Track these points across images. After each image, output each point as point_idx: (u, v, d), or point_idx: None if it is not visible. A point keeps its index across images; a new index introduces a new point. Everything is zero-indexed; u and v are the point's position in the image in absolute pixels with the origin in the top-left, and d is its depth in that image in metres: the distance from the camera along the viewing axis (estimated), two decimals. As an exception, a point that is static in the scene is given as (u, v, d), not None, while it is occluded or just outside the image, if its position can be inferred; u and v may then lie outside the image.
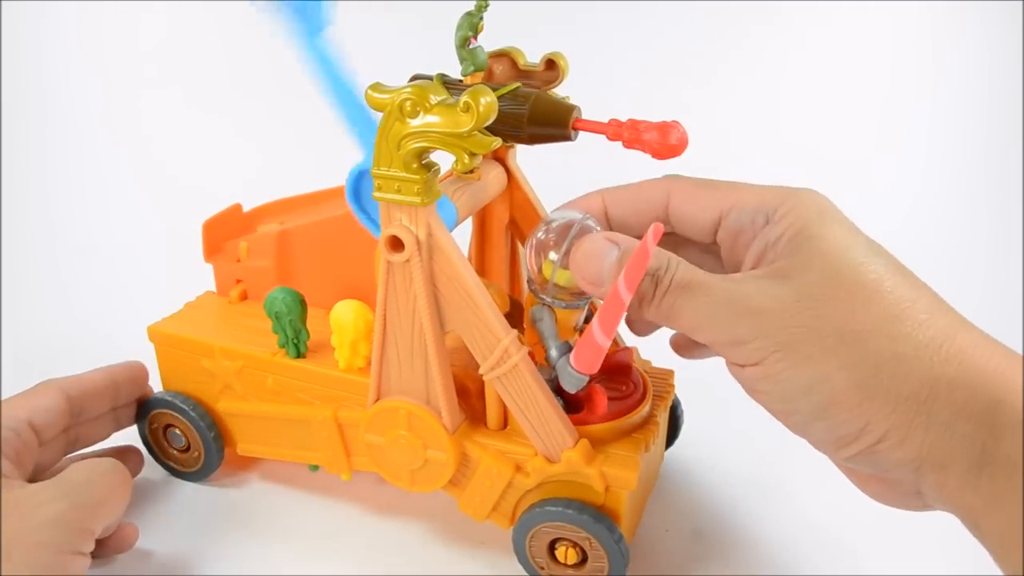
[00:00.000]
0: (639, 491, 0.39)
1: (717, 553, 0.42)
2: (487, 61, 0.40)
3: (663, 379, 0.44)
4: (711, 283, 0.31)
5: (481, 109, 0.31)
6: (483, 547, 0.42)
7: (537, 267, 0.36)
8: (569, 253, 0.35)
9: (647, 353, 0.45)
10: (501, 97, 0.35)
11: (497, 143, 0.32)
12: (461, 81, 0.40)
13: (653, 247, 0.30)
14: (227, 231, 0.49)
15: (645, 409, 0.40)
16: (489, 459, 0.38)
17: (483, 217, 0.44)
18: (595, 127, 0.36)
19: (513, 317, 0.43)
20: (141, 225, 0.80)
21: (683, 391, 0.46)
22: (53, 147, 0.91)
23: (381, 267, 0.36)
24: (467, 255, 0.42)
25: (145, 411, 0.46)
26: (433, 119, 0.32)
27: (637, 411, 0.39)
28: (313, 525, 0.44)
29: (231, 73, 0.95)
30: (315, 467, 0.44)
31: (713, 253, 0.37)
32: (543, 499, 0.38)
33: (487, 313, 0.35)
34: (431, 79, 0.39)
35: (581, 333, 0.38)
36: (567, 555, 0.38)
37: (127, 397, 0.45)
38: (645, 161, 0.36)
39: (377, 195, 0.34)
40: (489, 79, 0.41)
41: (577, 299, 0.37)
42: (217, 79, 0.95)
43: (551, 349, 0.37)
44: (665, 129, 0.34)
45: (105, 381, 0.44)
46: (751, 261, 0.34)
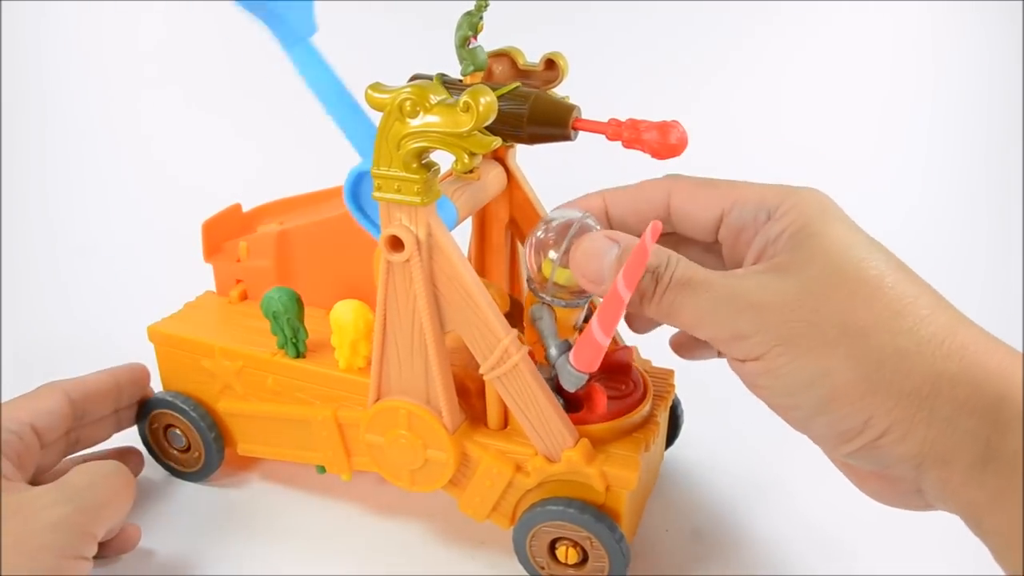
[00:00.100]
0: (639, 491, 0.39)
1: (717, 553, 0.42)
2: (487, 61, 0.40)
3: (663, 379, 0.44)
4: (711, 279, 0.31)
5: (481, 109, 0.31)
6: (483, 547, 0.42)
7: (537, 266, 0.36)
8: (569, 252, 0.35)
9: (647, 353, 0.45)
10: (501, 97, 0.35)
11: (497, 143, 0.32)
12: (461, 81, 0.40)
13: (652, 245, 0.30)
14: (227, 231, 0.49)
15: (645, 409, 0.39)
16: (489, 459, 0.38)
17: (483, 217, 0.44)
18: (595, 127, 0.36)
19: (513, 316, 0.43)
20: (141, 225, 0.80)
21: (683, 391, 0.46)
22: (53, 147, 0.91)
23: (381, 267, 0.36)
24: (467, 255, 0.42)
25: (145, 411, 0.46)
26: (433, 119, 0.32)
27: (637, 411, 0.39)
28: (313, 525, 0.44)
29: (231, 73, 0.95)
30: (322, 469, 0.44)
31: (714, 252, 0.37)
32: (544, 499, 0.38)
33: (487, 313, 0.35)
34: (431, 79, 0.39)
35: (581, 332, 0.38)
36: (568, 555, 0.38)
37: (129, 399, 0.45)
38: (645, 161, 0.36)
39: (377, 195, 0.34)
40: (489, 79, 0.41)
41: (577, 298, 0.37)
42: (217, 79, 0.95)
43: (551, 348, 0.37)
44: (665, 129, 0.34)
45: (107, 383, 0.44)
46: (752, 258, 0.34)
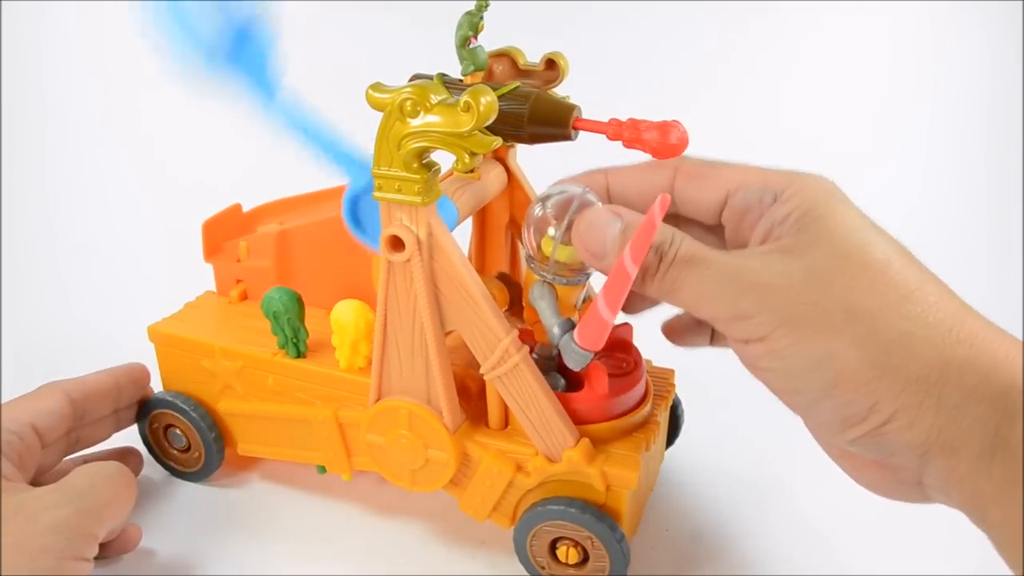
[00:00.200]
0: (640, 490, 0.39)
1: (717, 553, 0.42)
2: (487, 61, 0.40)
3: (664, 379, 0.44)
4: (715, 257, 0.31)
5: (482, 109, 0.31)
6: (484, 547, 0.42)
7: (536, 244, 0.36)
8: (570, 228, 0.34)
9: (647, 353, 0.45)
10: (501, 97, 0.35)
11: (497, 143, 0.32)
12: (461, 81, 0.40)
13: (660, 218, 0.30)
14: (227, 231, 0.49)
15: (646, 409, 0.39)
16: (490, 459, 0.38)
17: (483, 217, 0.44)
18: (595, 127, 0.36)
19: (511, 298, 0.43)
20: (141, 225, 0.80)
21: (683, 391, 0.46)
22: (53, 147, 0.91)
23: (382, 267, 0.36)
24: (467, 255, 0.42)
25: (146, 411, 0.46)
26: (433, 119, 0.32)
27: (638, 411, 0.39)
28: (313, 525, 0.44)
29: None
30: (323, 469, 0.44)
31: (716, 234, 0.36)
32: (544, 498, 0.38)
33: (488, 313, 0.35)
34: (431, 79, 0.39)
35: (581, 311, 0.38)
36: (568, 555, 0.38)
37: (129, 399, 0.45)
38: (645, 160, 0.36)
39: (377, 195, 0.34)
40: (489, 79, 0.41)
41: (577, 275, 0.36)
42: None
43: (554, 327, 0.37)
44: (665, 128, 0.34)
45: (108, 383, 0.44)
46: (757, 240, 0.33)
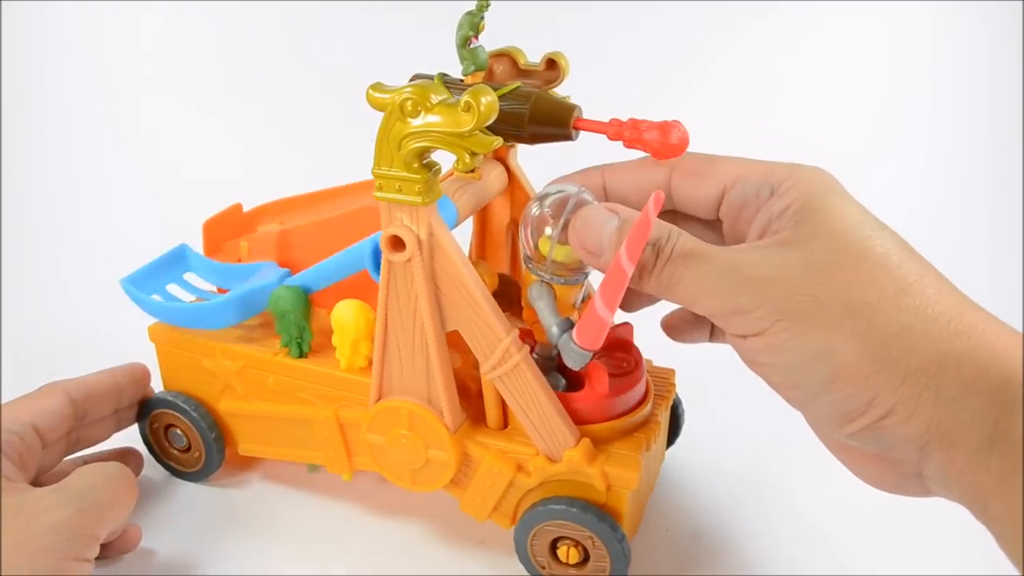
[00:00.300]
0: (641, 490, 0.39)
1: (717, 553, 0.42)
2: (488, 61, 0.40)
3: (664, 378, 0.44)
4: (713, 252, 0.31)
5: (482, 109, 0.31)
6: (484, 547, 0.42)
7: (533, 243, 0.36)
8: (567, 228, 0.34)
9: (647, 353, 0.45)
10: (502, 96, 0.35)
11: (498, 143, 0.32)
12: (462, 81, 0.40)
13: (655, 215, 0.30)
14: (227, 231, 0.49)
15: (646, 408, 0.39)
16: (491, 459, 0.38)
17: (484, 217, 0.44)
18: (596, 127, 0.36)
19: (510, 297, 0.43)
20: (141, 225, 0.79)
21: (684, 391, 0.46)
22: (53, 147, 0.91)
23: (382, 267, 0.36)
24: (468, 255, 0.42)
25: (146, 411, 0.46)
26: (434, 119, 0.32)
27: (638, 410, 0.39)
28: (314, 525, 0.44)
29: (231, 73, 0.95)
30: (313, 468, 0.44)
31: (715, 229, 0.36)
32: (545, 498, 0.38)
33: (488, 312, 0.35)
34: (432, 79, 0.39)
35: (580, 310, 0.38)
36: (569, 554, 0.38)
37: (130, 399, 0.45)
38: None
39: (378, 195, 0.34)
40: (490, 79, 0.41)
41: (575, 274, 0.36)
42: (217, 79, 0.95)
43: (552, 327, 0.37)
44: (666, 129, 0.34)
45: (108, 383, 0.44)
46: (755, 234, 0.33)
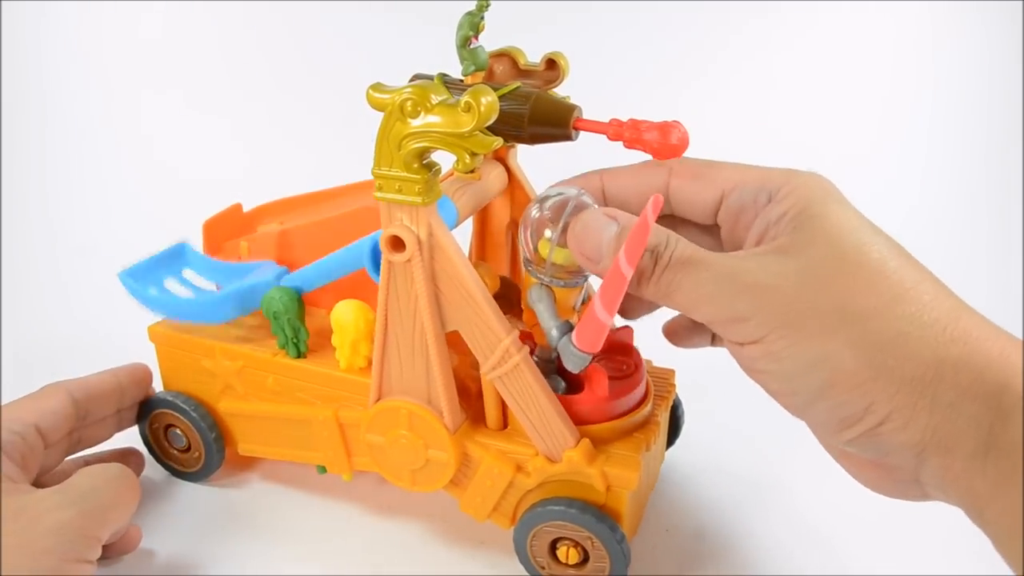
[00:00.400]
0: (640, 491, 0.39)
1: (717, 553, 0.42)
2: (488, 61, 0.40)
3: (664, 379, 0.44)
4: (711, 259, 0.31)
5: (482, 109, 0.31)
6: (483, 547, 0.42)
7: (533, 246, 0.36)
8: (566, 230, 0.34)
9: (647, 353, 0.45)
10: (502, 97, 0.35)
11: (498, 143, 0.32)
12: (462, 81, 0.40)
13: (654, 219, 0.30)
14: (227, 231, 0.49)
15: (646, 409, 0.39)
16: (490, 459, 0.38)
17: (484, 217, 0.44)
18: (596, 127, 0.36)
19: (510, 299, 0.43)
20: (141, 225, 0.79)
21: (684, 391, 0.46)
22: (53, 147, 0.91)
23: (382, 267, 0.36)
24: (468, 255, 0.42)
25: (146, 411, 0.46)
26: (434, 119, 0.32)
27: (638, 411, 0.39)
28: (314, 525, 0.44)
29: (231, 73, 0.95)
30: (323, 469, 0.44)
31: (713, 234, 0.36)
32: (544, 499, 0.38)
33: (488, 313, 0.35)
34: (432, 79, 0.39)
35: (580, 313, 0.38)
36: (568, 555, 0.38)
37: (131, 399, 0.45)
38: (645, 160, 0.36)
39: (378, 195, 0.34)
40: (490, 79, 0.41)
41: (575, 277, 0.36)
42: (217, 79, 0.95)
43: (552, 330, 0.37)
44: (666, 129, 0.34)
45: (110, 383, 0.44)
46: (753, 240, 0.33)
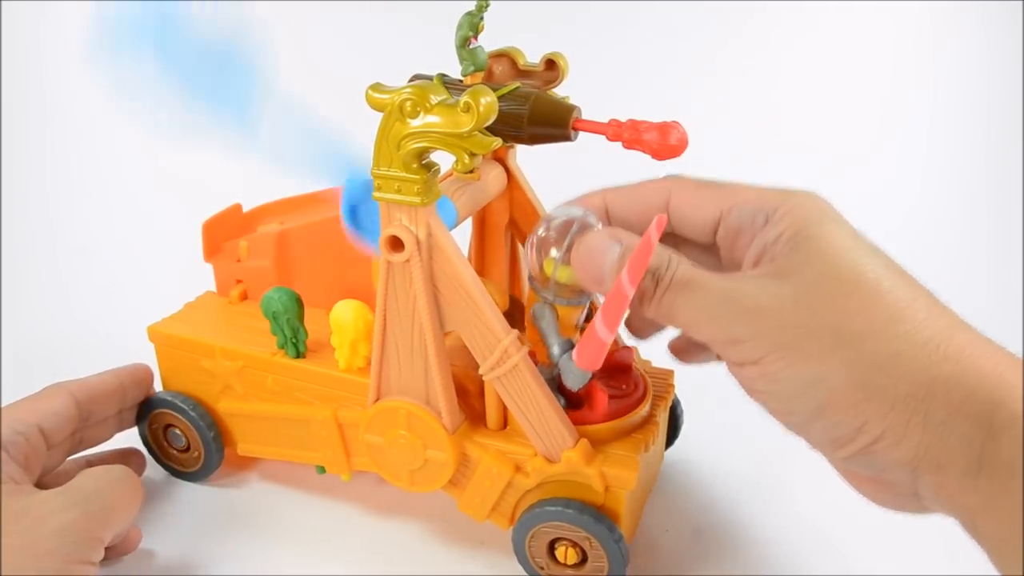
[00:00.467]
0: (639, 491, 0.39)
1: (717, 553, 0.42)
2: (487, 61, 0.40)
3: (663, 379, 0.44)
4: (711, 281, 0.31)
5: (481, 109, 0.31)
6: (483, 547, 0.42)
7: (538, 264, 0.36)
8: (570, 250, 0.34)
9: (647, 353, 0.45)
10: (501, 97, 0.35)
11: (497, 143, 0.32)
12: (461, 81, 0.40)
13: (657, 239, 0.30)
14: (227, 231, 0.49)
15: (645, 409, 0.40)
16: (489, 459, 0.38)
17: (483, 217, 0.44)
18: (595, 127, 0.36)
19: (513, 315, 0.43)
20: (141, 225, 0.80)
21: (683, 391, 0.46)
22: (53, 147, 0.91)
23: (381, 267, 0.36)
24: (467, 255, 0.42)
25: (145, 411, 0.46)
26: (433, 119, 0.32)
27: (637, 411, 0.39)
28: (313, 525, 0.44)
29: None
30: (322, 469, 0.44)
31: (712, 253, 0.37)
32: (543, 499, 0.38)
33: (487, 313, 0.35)
34: (431, 79, 0.39)
35: (582, 331, 0.38)
36: (567, 555, 0.38)
37: (133, 400, 0.45)
38: (645, 161, 0.36)
39: (377, 195, 0.34)
40: (489, 79, 0.41)
41: (578, 296, 0.37)
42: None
43: (553, 346, 0.37)
44: (665, 129, 0.34)
45: (112, 384, 0.44)
46: (750, 261, 0.34)
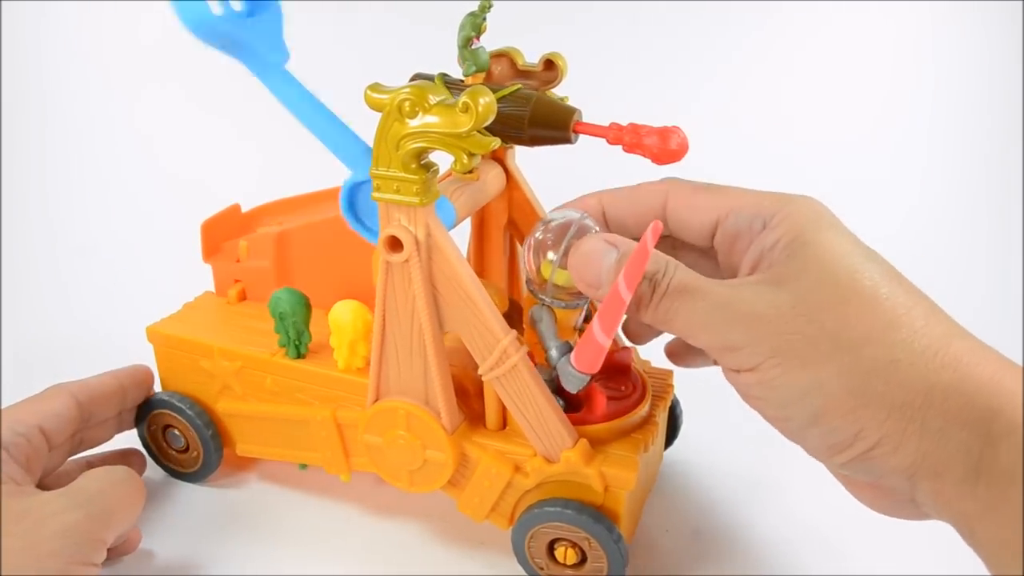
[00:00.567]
0: (638, 491, 0.39)
1: (716, 553, 0.42)
2: (489, 62, 0.40)
3: (662, 379, 0.44)
4: (708, 288, 0.31)
5: (480, 109, 0.31)
6: (482, 547, 0.42)
7: (536, 267, 0.36)
8: (567, 253, 0.34)
9: (646, 353, 0.45)
10: (502, 98, 0.35)
11: (496, 143, 0.32)
12: (462, 81, 0.40)
13: (653, 245, 0.30)
14: (226, 231, 0.49)
15: (644, 409, 0.40)
16: (488, 459, 0.38)
17: (482, 217, 0.44)
18: (596, 130, 0.36)
19: (512, 317, 0.43)
20: (141, 225, 0.80)
21: (682, 391, 0.46)
22: (53, 147, 0.91)
23: (380, 267, 0.36)
24: (466, 255, 0.42)
25: (144, 411, 0.46)
26: (432, 119, 0.32)
27: (636, 411, 0.39)
28: (312, 525, 0.44)
29: (231, 72, 0.95)
30: (304, 466, 0.44)
31: (710, 257, 0.37)
32: (542, 499, 0.38)
33: (486, 313, 0.35)
34: (432, 79, 0.39)
35: (580, 333, 0.38)
36: (566, 555, 0.38)
37: (133, 401, 0.45)
38: (644, 164, 0.36)
39: (376, 195, 0.34)
40: (488, 79, 0.41)
41: (576, 299, 0.37)
42: (217, 79, 0.95)
43: (551, 349, 0.37)
44: (665, 134, 0.34)
45: (113, 385, 0.44)
46: (747, 266, 0.34)
